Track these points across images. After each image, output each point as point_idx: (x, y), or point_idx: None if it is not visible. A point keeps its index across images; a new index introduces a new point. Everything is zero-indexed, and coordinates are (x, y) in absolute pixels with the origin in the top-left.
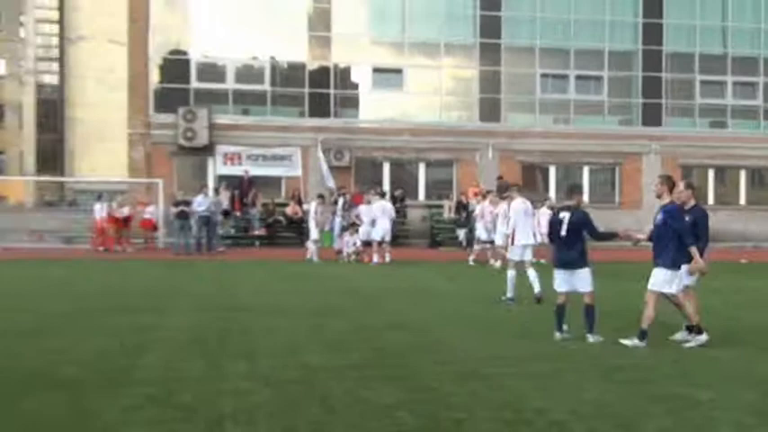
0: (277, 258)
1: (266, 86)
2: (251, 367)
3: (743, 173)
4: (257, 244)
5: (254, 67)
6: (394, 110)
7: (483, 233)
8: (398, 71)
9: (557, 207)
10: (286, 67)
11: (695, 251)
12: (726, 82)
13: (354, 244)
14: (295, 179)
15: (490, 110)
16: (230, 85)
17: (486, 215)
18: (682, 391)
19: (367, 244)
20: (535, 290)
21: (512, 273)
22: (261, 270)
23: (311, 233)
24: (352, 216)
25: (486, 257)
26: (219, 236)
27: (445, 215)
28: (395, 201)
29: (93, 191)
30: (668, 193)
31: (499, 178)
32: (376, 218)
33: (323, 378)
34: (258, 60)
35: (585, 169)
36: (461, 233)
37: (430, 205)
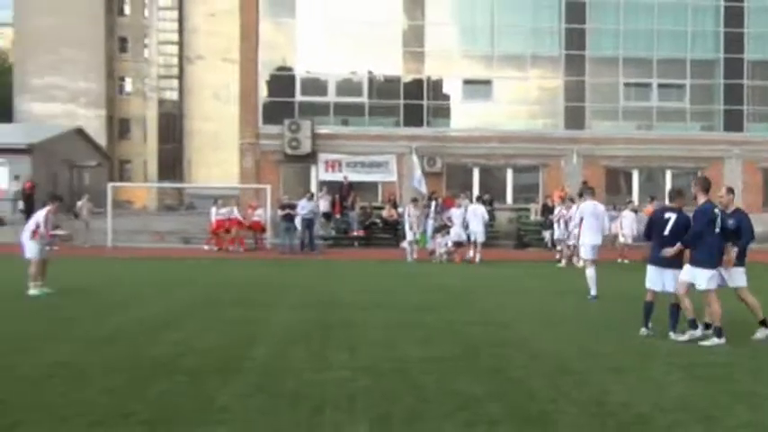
0: (374, 258)
1: (364, 99)
2: (351, 358)
3: None
4: (356, 244)
5: (353, 81)
6: (483, 119)
7: (560, 235)
8: (487, 82)
9: (664, 207)
10: (382, 80)
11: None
12: None
13: (446, 245)
14: (391, 184)
15: (575, 118)
16: (331, 98)
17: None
18: (762, 389)
19: (458, 245)
20: (592, 291)
21: (590, 271)
22: (359, 269)
23: (407, 234)
24: (444, 218)
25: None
26: (318, 237)
27: (532, 218)
28: (483, 204)
29: (208, 196)
30: (703, 194)
31: (584, 183)
32: (468, 220)
33: (417, 369)
34: (357, 75)
35: (668, 173)
36: (547, 235)
37: (517, 208)
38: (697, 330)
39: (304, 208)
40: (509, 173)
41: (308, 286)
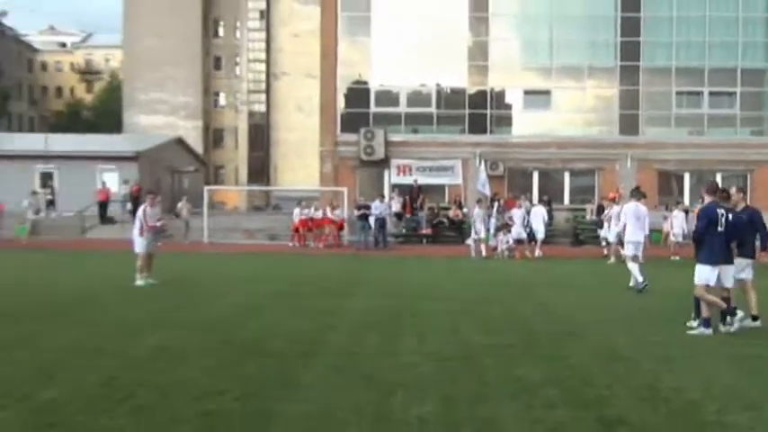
0: (441, 254)
1: (432, 109)
2: (419, 344)
3: None
4: (424, 241)
5: (422, 93)
6: (542, 126)
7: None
8: (547, 93)
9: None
10: (449, 92)
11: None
12: None
13: (507, 242)
14: (456, 187)
15: (629, 124)
16: (402, 108)
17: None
18: None
19: (518, 242)
20: (631, 283)
21: (632, 264)
22: (427, 263)
23: (473, 233)
24: (506, 218)
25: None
26: (390, 234)
27: (587, 217)
28: (543, 205)
29: (292, 198)
30: (709, 195)
31: (637, 188)
32: (531, 220)
33: (480, 356)
34: (426, 87)
35: (718, 176)
36: (601, 233)
37: (573, 209)
38: (737, 316)
39: (377, 208)
40: (566, 176)
41: (380, 279)
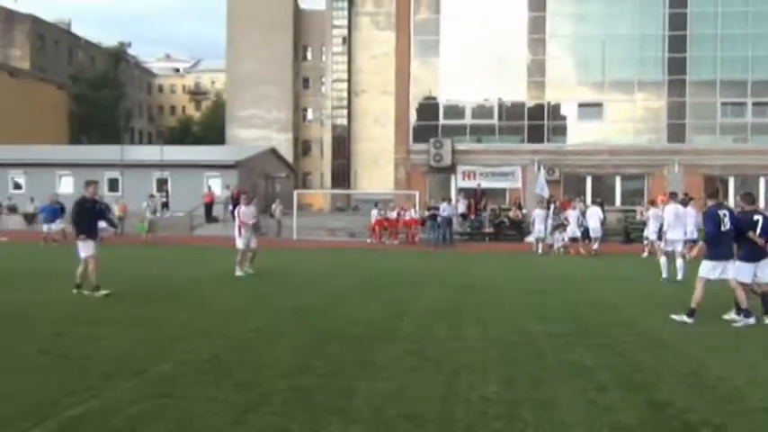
0: (502, 251)
1: (494, 121)
2: (482, 331)
3: None
4: (486, 239)
5: (486, 107)
6: (595, 135)
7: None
8: (599, 105)
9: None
10: (510, 105)
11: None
12: None
13: (563, 240)
14: (516, 190)
15: (676, 133)
16: (468, 120)
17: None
18: None
19: (573, 240)
20: (678, 276)
21: (663, 259)
22: (490, 259)
23: (533, 231)
24: (561, 218)
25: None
26: (456, 233)
27: (637, 218)
28: (594, 204)
29: (370, 200)
30: (710, 199)
31: (685, 195)
32: (588, 219)
33: (538, 342)
34: (489, 101)
35: (761, 180)
36: (645, 232)
37: (624, 210)
38: (751, 319)
39: (444, 210)
40: (617, 180)
41: (447, 273)
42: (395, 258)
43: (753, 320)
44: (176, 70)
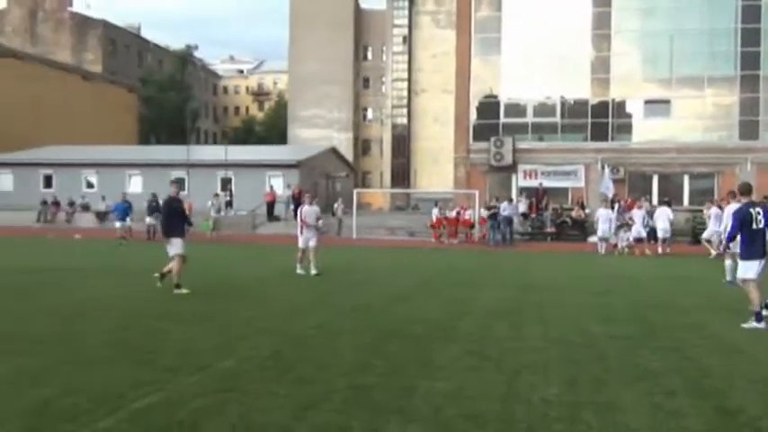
0: (564, 251)
1: (557, 119)
2: (543, 331)
3: None
4: (548, 239)
5: (548, 105)
6: (662, 133)
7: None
8: (666, 102)
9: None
10: (572, 103)
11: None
12: None
13: (627, 240)
14: (579, 189)
15: (749, 130)
16: (529, 119)
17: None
18: None
19: (638, 240)
20: (728, 277)
21: (728, 262)
22: (551, 259)
23: (598, 231)
24: (626, 218)
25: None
26: (516, 233)
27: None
28: (661, 204)
29: (429, 199)
30: (742, 197)
31: (765, 198)
32: (656, 219)
33: (601, 344)
34: (551, 99)
35: None
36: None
37: (692, 210)
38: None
39: (505, 209)
40: (686, 179)
41: (507, 272)
42: (454, 258)
43: (763, 326)
44: (240, 71)
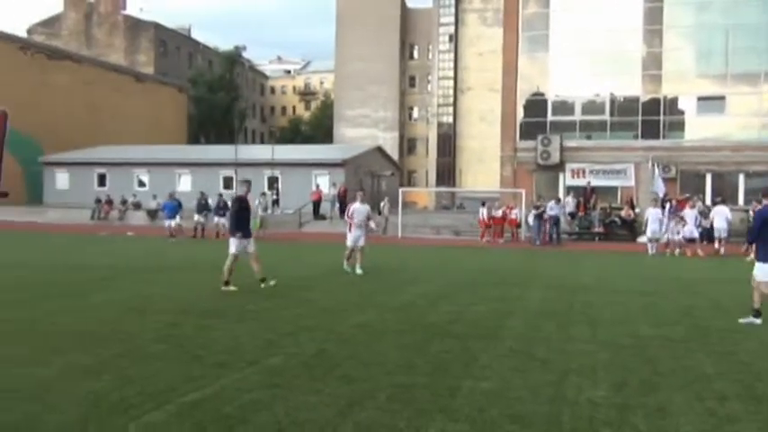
0: (612, 251)
1: (606, 116)
2: (592, 333)
3: None
4: (596, 239)
5: (597, 102)
6: (716, 130)
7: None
8: (721, 98)
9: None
10: (622, 100)
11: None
12: None
13: (678, 237)
14: (628, 188)
15: None
16: (577, 116)
17: None
18: None
19: (690, 241)
20: None
21: None
22: (599, 259)
23: (647, 232)
24: (678, 218)
25: None
26: (564, 232)
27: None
28: (714, 204)
29: (474, 198)
30: (766, 197)
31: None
32: (713, 219)
33: (651, 346)
34: (600, 96)
35: None
36: None
37: (747, 210)
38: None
39: (552, 209)
40: (740, 178)
41: (554, 272)
42: (500, 257)
43: (759, 321)
44: (287, 72)
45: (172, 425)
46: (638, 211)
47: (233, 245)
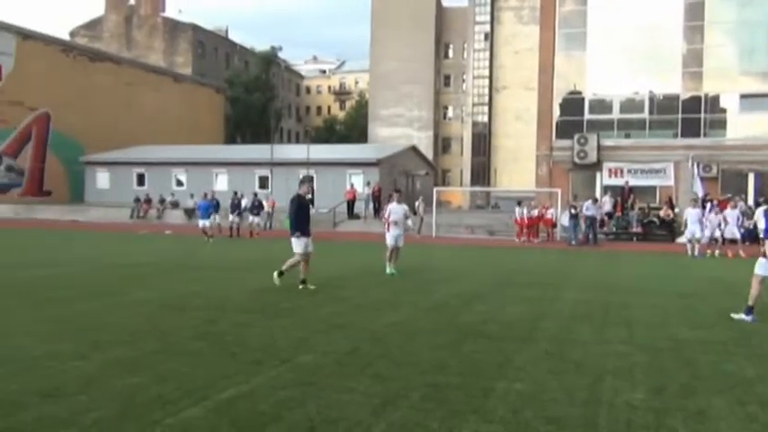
0: (650, 251)
1: (645, 115)
2: (629, 335)
3: None
4: (634, 239)
5: (635, 101)
6: (760, 128)
7: None
8: (765, 96)
9: None
10: (662, 98)
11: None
12: None
13: (716, 241)
14: (668, 188)
15: None
16: (615, 115)
17: None
18: None
19: (731, 242)
20: None
21: None
22: (637, 260)
23: (687, 232)
24: (719, 218)
25: None
26: (600, 232)
27: None
28: (758, 205)
29: (510, 198)
30: None
31: None
32: (757, 220)
33: (689, 349)
34: (638, 94)
35: None
36: None
37: None
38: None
39: (588, 209)
40: None
41: (590, 273)
42: (535, 257)
43: (750, 318)
44: (323, 72)
45: (208, 421)
46: (677, 210)
47: (297, 245)
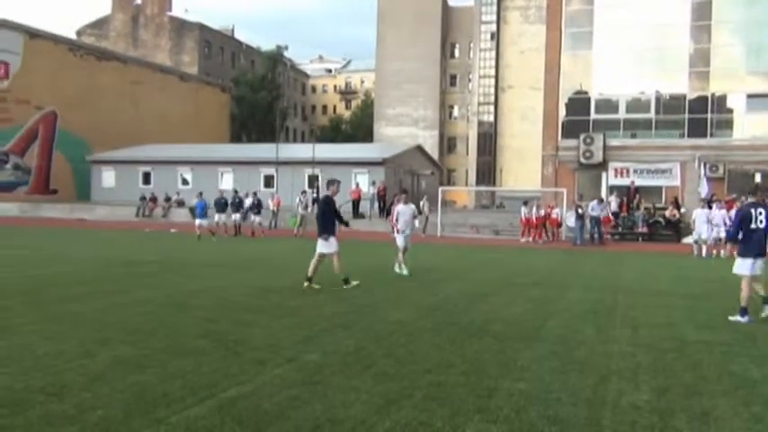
0: (656, 252)
1: (651, 115)
2: (633, 335)
3: None
4: (639, 239)
5: (641, 100)
6: (766, 129)
7: None
8: None
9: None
10: (668, 98)
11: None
12: None
13: (721, 241)
14: (674, 188)
15: None
16: (621, 115)
17: None
18: None
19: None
20: None
21: None
22: (643, 260)
23: (693, 233)
24: (725, 218)
25: None
26: (605, 232)
27: None
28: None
29: (515, 198)
30: (750, 196)
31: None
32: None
33: (694, 350)
34: (645, 94)
35: None
36: None
37: None
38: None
39: (594, 209)
40: None
41: (595, 273)
42: (540, 257)
43: (745, 320)
44: (328, 71)
45: (213, 420)
46: (683, 211)
47: (328, 246)
